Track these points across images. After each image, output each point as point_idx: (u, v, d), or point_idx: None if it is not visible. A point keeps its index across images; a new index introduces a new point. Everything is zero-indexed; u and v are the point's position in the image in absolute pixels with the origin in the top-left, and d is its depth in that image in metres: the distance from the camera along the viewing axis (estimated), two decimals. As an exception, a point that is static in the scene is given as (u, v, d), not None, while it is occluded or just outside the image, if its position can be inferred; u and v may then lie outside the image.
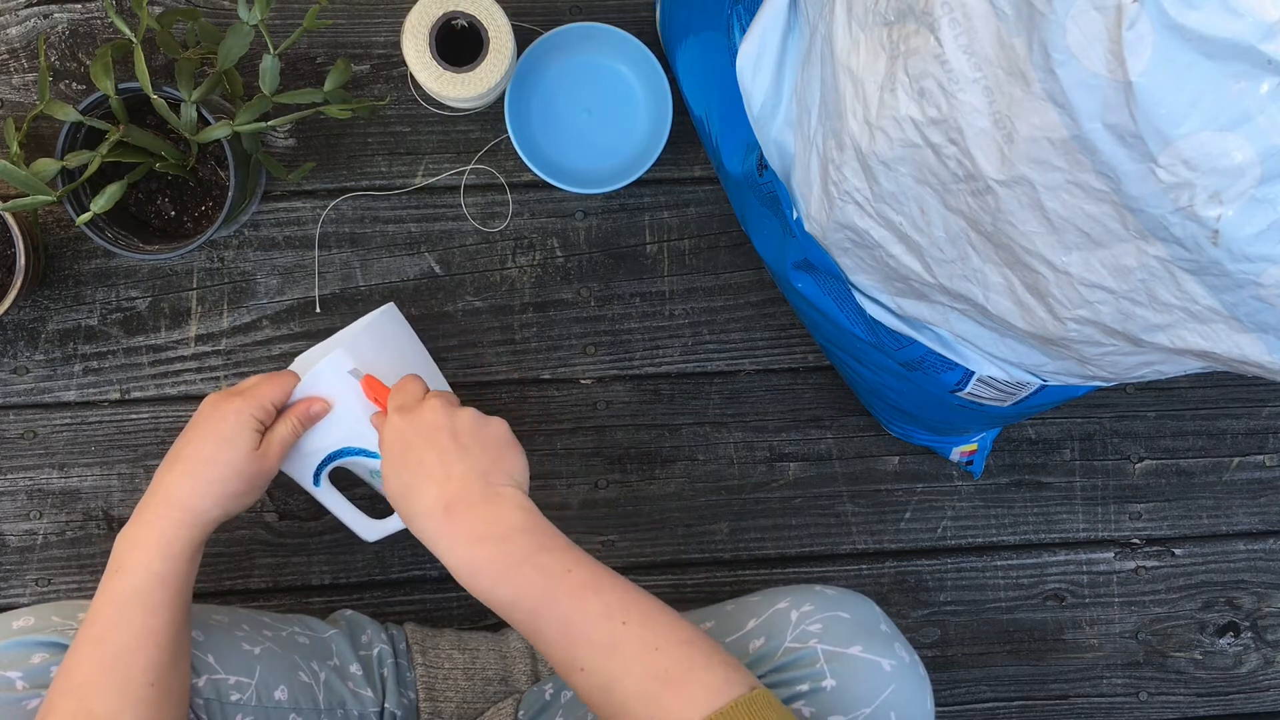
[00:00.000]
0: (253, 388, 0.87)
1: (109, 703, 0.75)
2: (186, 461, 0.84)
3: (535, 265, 1.07)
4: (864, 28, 0.71)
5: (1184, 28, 0.50)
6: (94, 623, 0.78)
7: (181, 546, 0.81)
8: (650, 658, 0.68)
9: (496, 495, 0.76)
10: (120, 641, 0.77)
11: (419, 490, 0.77)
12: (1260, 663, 1.17)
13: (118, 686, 0.76)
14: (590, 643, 0.70)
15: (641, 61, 1.02)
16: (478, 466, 0.77)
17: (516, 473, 0.79)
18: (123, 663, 0.76)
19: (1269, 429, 1.15)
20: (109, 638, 0.77)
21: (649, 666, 0.68)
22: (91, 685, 0.76)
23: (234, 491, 0.85)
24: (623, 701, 0.68)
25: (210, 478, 0.83)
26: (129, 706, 0.75)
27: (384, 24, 1.05)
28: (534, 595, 0.72)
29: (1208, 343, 0.66)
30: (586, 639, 0.70)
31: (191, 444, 0.85)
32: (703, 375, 1.10)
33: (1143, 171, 0.57)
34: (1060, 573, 1.14)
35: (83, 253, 1.04)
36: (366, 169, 1.06)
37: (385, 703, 0.92)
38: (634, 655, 0.69)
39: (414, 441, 0.79)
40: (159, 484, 0.84)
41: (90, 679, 0.76)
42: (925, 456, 1.12)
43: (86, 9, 1.03)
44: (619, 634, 0.69)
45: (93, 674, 0.76)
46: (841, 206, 0.79)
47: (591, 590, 0.71)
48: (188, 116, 0.91)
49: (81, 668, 0.76)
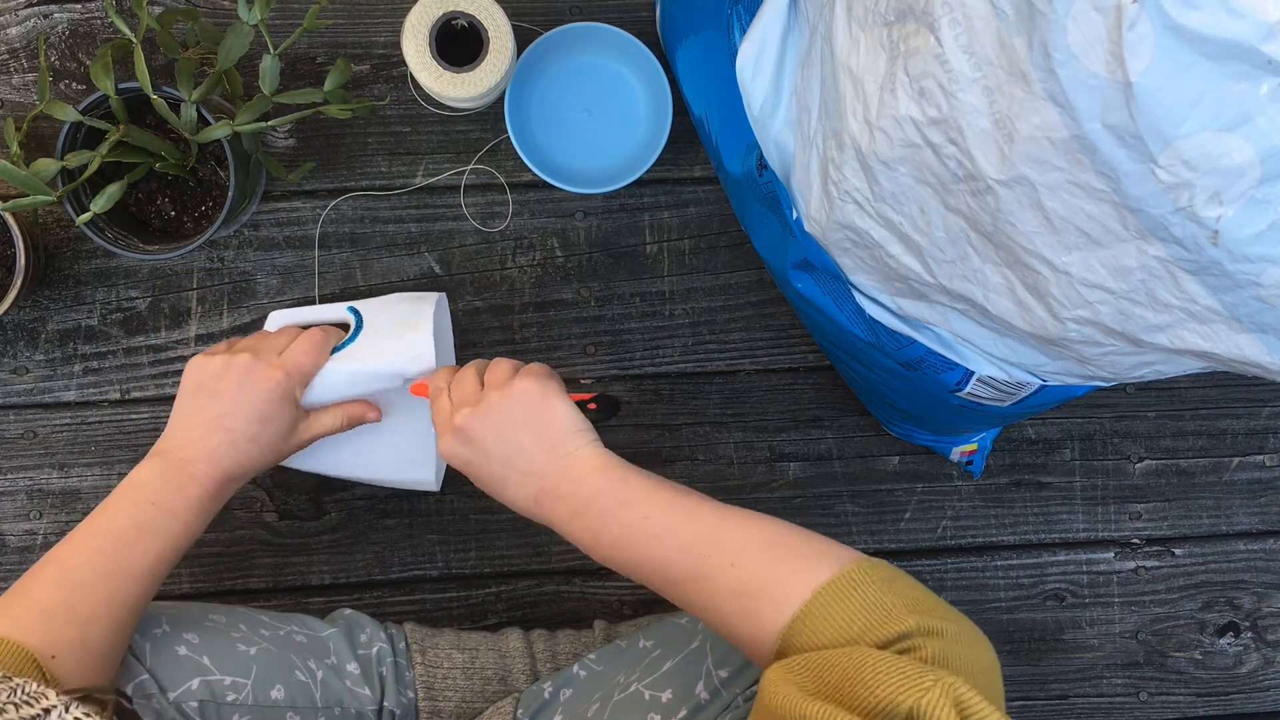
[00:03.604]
0: (292, 360, 0.89)
1: (94, 608, 0.77)
2: (228, 433, 0.87)
3: (535, 265, 1.07)
4: (864, 28, 0.70)
5: (1184, 28, 0.50)
6: (108, 530, 0.81)
7: (217, 509, 0.87)
8: (731, 575, 0.71)
9: (568, 467, 0.79)
10: (128, 562, 0.80)
11: (509, 493, 0.81)
12: (1260, 663, 1.17)
13: (105, 600, 0.78)
14: (679, 581, 0.73)
15: (641, 61, 1.02)
16: (541, 447, 0.80)
17: (563, 423, 0.80)
18: (117, 582, 0.79)
19: (1269, 429, 1.15)
20: (119, 555, 0.80)
21: (733, 585, 0.70)
22: (82, 586, 0.77)
23: (270, 461, 0.90)
24: (724, 622, 0.71)
25: (252, 453, 0.87)
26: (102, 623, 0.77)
27: (384, 24, 1.05)
28: (624, 551, 0.76)
29: (1208, 343, 0.66)
30: (676, 579, 0.73)
31: (231, 415, 0.87)
32: (703, 375, 1.10)
33: (1143, 171, 0.57)
34: (1060, 573, 1.14)
35: (83, 253, 1.04)
36: (366, 169, 1.06)
37: (384, 701, 0.92)
38: (718, 579, 0.71)
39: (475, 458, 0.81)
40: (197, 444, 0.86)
41: (83, 581, 0.78)
42: (925, 456, 1.12)
43: (86, 9, 1.03)
44: (699, 566, 0.72)
45: (87, 578, 0.78)
46: (841, 206, 0.79)
47: (668, 533, 0.74)
48: (188, 116, 0.91)
49: (81, 569, 0.78)
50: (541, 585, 1.10)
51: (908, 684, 0.56)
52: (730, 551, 0.72)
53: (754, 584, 0.70)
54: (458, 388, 0.84)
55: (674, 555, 0.73)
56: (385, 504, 1.08)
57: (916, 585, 0.69)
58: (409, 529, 1.08)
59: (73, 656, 0.74)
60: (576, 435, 0.80)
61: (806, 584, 0.67)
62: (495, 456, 0.80)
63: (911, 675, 0.57)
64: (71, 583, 0.77)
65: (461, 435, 0.81)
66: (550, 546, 1.10)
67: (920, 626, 0.64)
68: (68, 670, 0.74)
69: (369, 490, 1.07)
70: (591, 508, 0.77)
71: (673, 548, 0.74)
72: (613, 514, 0.76)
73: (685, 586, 0.73)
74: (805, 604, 0.67)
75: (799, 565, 0.69)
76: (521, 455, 0.80)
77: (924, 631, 0.64)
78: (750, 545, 0.72)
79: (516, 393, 0.80)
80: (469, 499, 1.08)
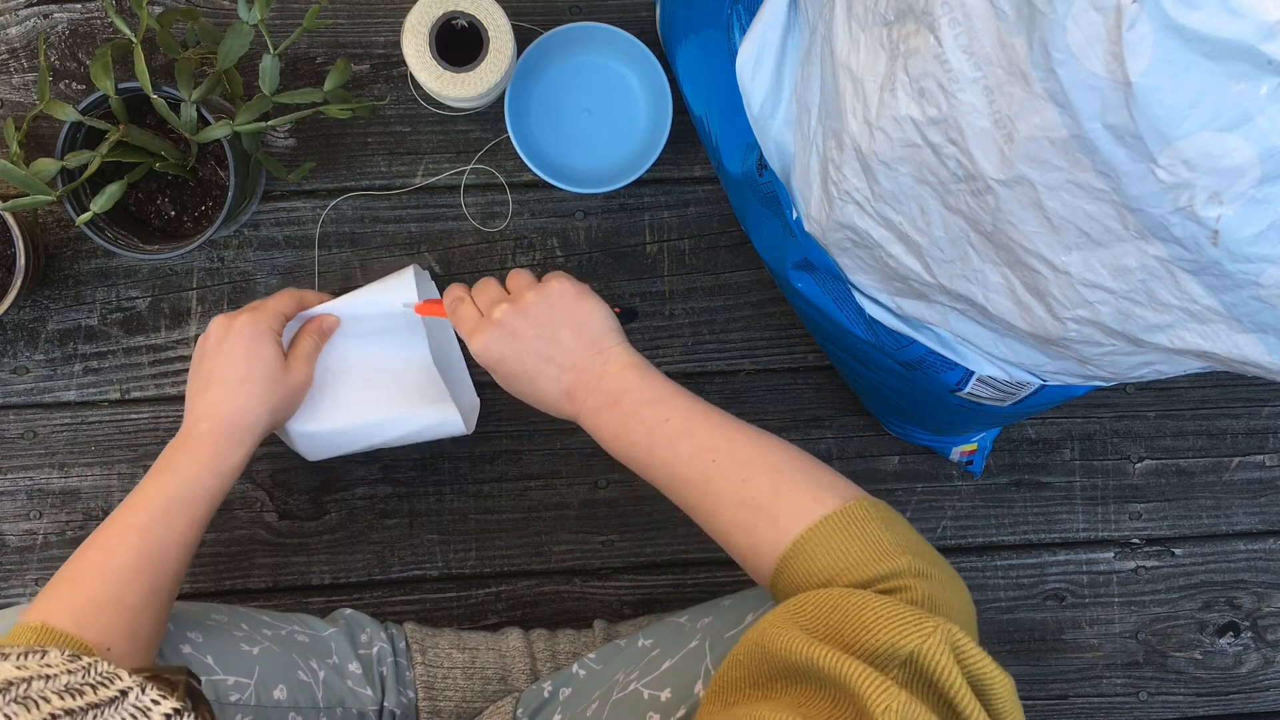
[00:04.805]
0: (263, 304, 0.92)
1: (140, 595, 0.78)
2: (221, 384, 0.88)
3: (535, 265, 1.07)
4: (864, 27, 0.71)
5: (1184, 28, 0.50)
6: (140, 510, 0.82)
7: (234, 465, 0.86)
8: (739, 489, 0.74)
9: (602, 365, 0.82)
10: (162, 539, 0.81)
11: (540, 386, 0.83)
12: (1260, 663, 1.17)
13: (149, 587, 0.79)
14: (688, 482, 0.76)
15: (641, 61, 1.02)
16: (580, 342, 0.82)
17: (599, 321, 0.83)
18: (157, 563, 0.80)
19: (1269, 429, 1.15)
20: (154, 529, 0.81)
21: (739, 497, 0.73)
22: (127, 573, 0.79)
23: (275, 403, 0.89)
24: (724, 530, 0.75)
25: (249, 394, 0.88)
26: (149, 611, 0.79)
27: (384, 24, 1.05)
28: (641, 448, 0.79)
29: (1208, 343, 0.66)
30: (685, 479, 0.76)
31: (219, 367, 0.88)
32: (703, 375, 1.10)
33: (1143, 171, 0.57)
34: (1060, 572, 1.14)
35: (83, 253, 1.04)
36: (366, 169, 1.06)
37: (385, 701, 0.92)
38: (726, 488, 0.74)
39: (510, 354, 0.83)
40: (197, 407, 0.88)
41: (127, 566, 0.79)
42: (925, 456, 1.12)
43: (86, 9, 1.03)
44: (710, 471, 0.75)
45: (130, 562, 0.79)
46: (841, 206, 0.79)
47: (684, 436, 0.77)
48: (188, 116, 0.91)
49: (118, 553, 0.80)
50: (541, 585, 1.10)
51: (909, 629, 0.58)
52: (742, 466, 0.74)
53: (760, 500, 0.72)
54: (482, 293, 0.87)
55: (688, 458, 0.76)
56: (385, 504, 1.08)
57: (911, 529, 0.72)
58: (409, 529, 1.08)
59: (123, 647, 0.76)
60: (612, 333, 0.84)
61: (811, 512, 0.70)
62: (531, 351, 0.83)
63: (912, 621, 0.59)
64: (118, 569, 0.79)
65: (501, 329, 0.83)
66: (550, 546, 1.10)
67: (911, 567, 0.67)
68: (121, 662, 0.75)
69: (369, 490, 1.07)
70: (620, 403, 0.80)
71: (686, 451, 0.76)
72: (635, 411, 0.79)
73: (693, 491, 0.76)
74: (807, 529, 0.69)
75: (806, 493, 0.72)
76: (561, 349, 0.82)
77: (914, 572, 0.67)
78: (762, 463, 0.74)
79: (554, 292, 0.83)
80: (469, 499, 1.08)
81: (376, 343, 0.96)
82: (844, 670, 0.57)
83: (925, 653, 0.57)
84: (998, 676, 0.58)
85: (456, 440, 1.05)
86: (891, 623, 0.59)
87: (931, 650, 0.57)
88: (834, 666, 0.57)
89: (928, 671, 0.57)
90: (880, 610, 0.60)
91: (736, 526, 0.74)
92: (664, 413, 0.79)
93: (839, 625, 0.61)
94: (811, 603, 0.63)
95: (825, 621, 0.62)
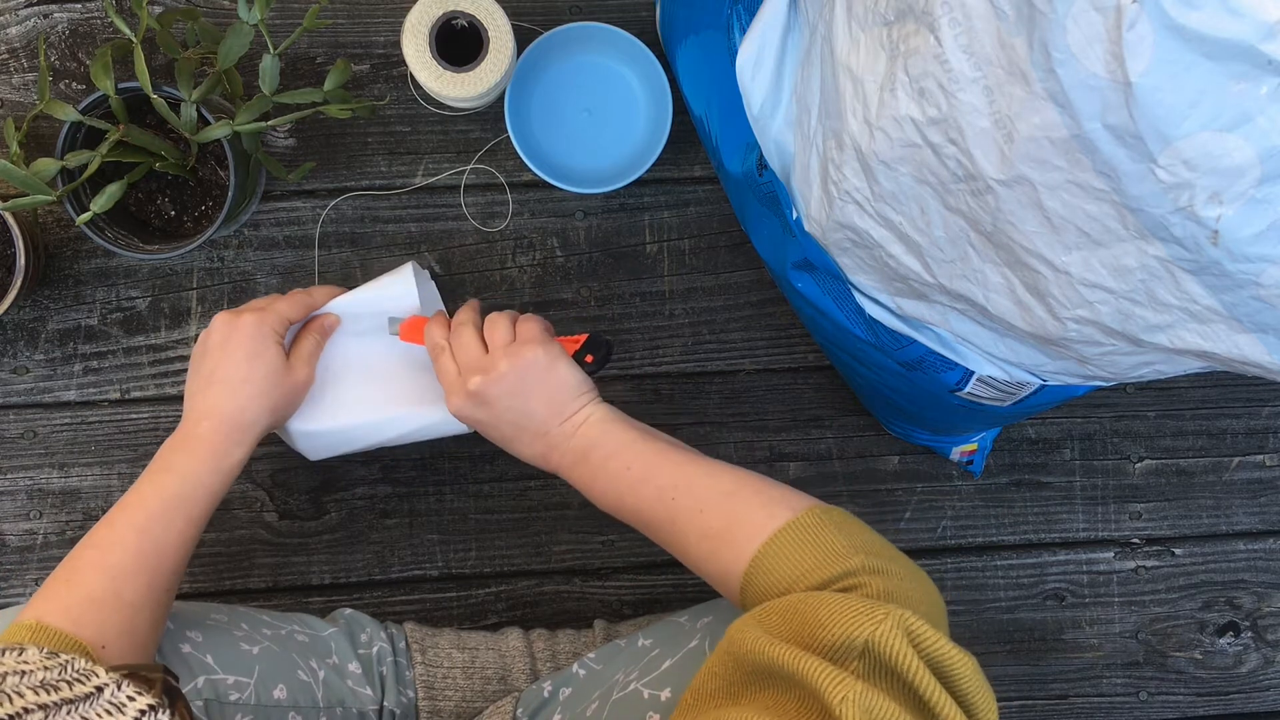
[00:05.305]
0: (268, 304, 0.92)
1: (138, 593, 0.79)
2: (222, 383, 0.88)
3: (535, 265, 1.07)
4: (864, 28, 0.71)
5: (1184, 28, 0.50)
6: (137, 509, 0.82)
7: (233, 464, 0.87)
8: (699, 520, 0.78)
9: (572, 427, 0.86)
10: (159, 538, 0.81)
11: (519, 448, 0.88)
12: (1260, 663, 1.17)
13: (147, 585, 0.79)
14: (658, 523, 0.80)
15: (641, 61, 1.02)
16: (550, 411, 0.86)
17: (570, 388, 0.86)
18: (155, 560, 0.80)
19: (1269, 429, 1.15)
20: (151, 529, 0.81)
21: (700, 528, 0.77)
22: (125, 571, 0.79)
23: (276, 403, 0.90)
24: (696, 562, 0.78)
25: (250, 394, 0.88)
26: (146, 609, 0.79)
27: (384, 24, 1.05)
28: (612, 498, 0.83)
29: (1208, 343, 0.66)
30: (654, 522, 0.81)
31: (221, 366, 0.88)
32: (703, 375, 1.10)
33: (1143, 171, 0.57)
34: (1060, 572, 1.14)
35: (83, 252, 1.04)
36: (366, 169, 1.06)
37: (384, 701, 0.92)
38: (688, 523, 0.78)
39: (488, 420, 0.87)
40: (198, 405, 0.88)
41: (124, 565, 0.79)
42: (925, 456, 1.12)
43: (86, 9, 1.03)
44: (672, 510, 0.79)
45: (128, 561, 0.79)
46: (841, 206, 0.79)
47: (644, 481, 0.81)
48: (188, 116, 0.91)
49: (115, 551, 0.80)
50: (541, 585, 1.10)
51: (861, 618, 0.60)
52: (698, 499, 0.78)
53: (718, 528, 0.76)
54: (461, 350, 0.88)
55: (650, 502, 0.81)
56: (385, 504, 1.08)
57: (868, 530, 0.75)
58: (409, 529, 1.08)
59: (120, 645, 0.76)
60: (581, 396, 0.86)
61: (765, 528, 0.73)
62: (506, 421, 0.87)
63: (863, 610, 0.60)
64: (115, 567, 0.79)
65: (476, 400, 0.86)
66: (550, 547, 1.10)
67: (865, 565, 0.69)
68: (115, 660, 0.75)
69: (369, 490, 1.07)
70: (588, 459, 0.84)
71: (648, 495, 0.81)
72: (602, 465, 0.84)
73: (662, 529, 0.80)
74: (764, 544, 0.73)
75: (760, 510, 0.75)
76: (533, 419, 0.86)
77: (869, 570, 0.69)
78: (714, 494, 0.78)
79: (525, 363, 0.85)
80: (469, 499, 1.08)
81: (377, 342, 0.96)
82: (801, 666, 0.58)
83: (879, 640, 0.58)
84: (957, 657, 0.59)
85: (456, 440, 1.05)
86: (844, 616, 0.60)
87: (884, 636, 0.58)
88: (793, 664, 0.58)
89: (885, 659, 0.58)
90: (834, 606, 0.61)
91: (703, 557, 0.77)
92: (625, 461, 0.83)
93: (798, 626, 0.62)
94: (774, 609, 0.65)
95: (787, 624, 0.63)
